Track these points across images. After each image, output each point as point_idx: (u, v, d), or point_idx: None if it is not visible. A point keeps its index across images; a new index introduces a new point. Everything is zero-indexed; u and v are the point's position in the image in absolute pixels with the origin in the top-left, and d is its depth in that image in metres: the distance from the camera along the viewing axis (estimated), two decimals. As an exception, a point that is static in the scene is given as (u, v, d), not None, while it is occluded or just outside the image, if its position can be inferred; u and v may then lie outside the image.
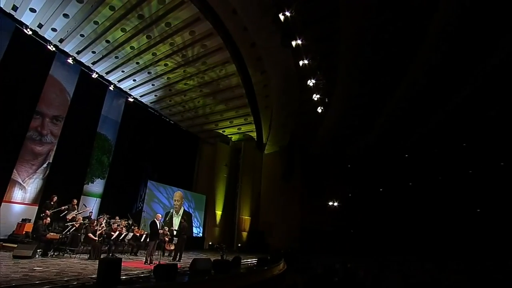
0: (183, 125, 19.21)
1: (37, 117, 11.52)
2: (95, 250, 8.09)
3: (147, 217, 13.90)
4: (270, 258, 11.06)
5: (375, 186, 22.11)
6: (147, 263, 8.09)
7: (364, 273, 8.75)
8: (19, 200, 10.81)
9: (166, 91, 15.73)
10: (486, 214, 17.24)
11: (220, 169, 19.85)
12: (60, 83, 12.44)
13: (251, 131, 19.94)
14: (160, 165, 17.38)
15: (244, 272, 8.40)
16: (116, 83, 14.70)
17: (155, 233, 8.48)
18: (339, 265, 11.48)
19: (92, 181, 13.62)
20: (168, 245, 11.16)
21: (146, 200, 14.68)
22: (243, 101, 16.85)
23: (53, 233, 8.06)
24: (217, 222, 18.76)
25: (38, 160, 11.48)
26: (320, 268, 12.73)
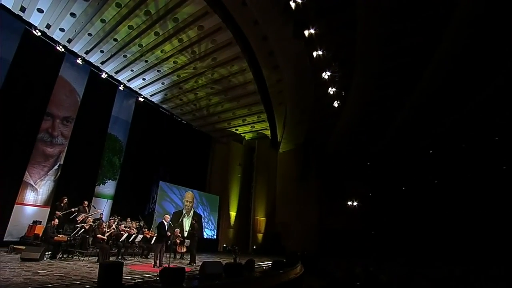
0: (195, 125, 19.12)
1: (48, 118, 11.65)
2: (103, 253, 7.98)
3: (159, 219, 13.83)
4: (286, 261, 10.68)
5: (397, 185, 21.24)
6: (156, 266, 7.91)
7: (388, 278, 8.22)
8: (31, 202, 10.94)
9: (176, 89, 15.65)
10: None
11: (233, 169, 19.62)
12: (70, 84, 12.55)
13: (265, 129, 19.60)
14: (172, 165, 17.34)
15: (258, 276, 8.07)
16: (126, 82, 14.75)
17: (162, 235, 8.30)
18: (360, 269, 10.95)
19: (104, 183, 13.69)
20: (180, 247, 11.00)
21: (158, 201, 14.63)
22: (255, 98, 16.55)
23: (61, 235, 8.03)
24: (231, 224, 18.54)
25: (49, 161, 11.61)
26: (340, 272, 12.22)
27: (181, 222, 15.70)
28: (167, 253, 11.29)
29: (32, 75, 11.08)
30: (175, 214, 15.57)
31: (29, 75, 10.99)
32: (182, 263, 9.92)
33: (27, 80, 10.92)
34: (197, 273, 7.12)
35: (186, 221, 16.18)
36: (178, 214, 15.84)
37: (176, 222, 15.45)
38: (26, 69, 10.87)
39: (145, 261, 9.36)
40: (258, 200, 19.34)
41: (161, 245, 8.25)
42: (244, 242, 18.41)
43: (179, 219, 15.82)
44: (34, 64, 11.13)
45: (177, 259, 10.96)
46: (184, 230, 14.94)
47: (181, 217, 15.95)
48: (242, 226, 19.03)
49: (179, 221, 15.77)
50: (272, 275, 8.53)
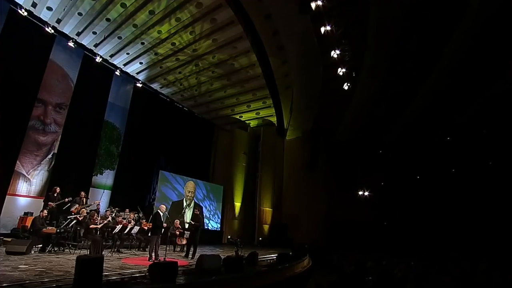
0: (197, 111, 18.63)
1: (39, 105, 11.29)
2: (96, 246, 7.63)
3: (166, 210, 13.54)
4: (292, 254, 10.26)
5: (412, 174, 20.47)
6: (151, 260, 7.55)
7: (403, 273, 7.68)
8: (24, 193, 10.70)
9: (176, 74, 15.10)
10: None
11: (238, 157, 19.18)
12: (62, 68, 12.13)
13: (271, 116, 19.02)
14: (174, 154, 16.97)
15: (260, 270, 7.65)
16: (122, 67, 14.26)
17: (158, 227, 7.90)
18: (372, 263, 10.44)
19: (101, 172, 13.40)
20: (180, 239, 10.66)
21: (158, 191, 14.30)
22: (260, 82, 15.92)
23: (50, 227, 7.71)
24: (236, 215, 18.21)
25: (42, 150, 11.31)
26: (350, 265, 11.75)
27: (183, 212, 15.39)
28: (167, 246, 11.03)
29: (21, 59, 10.62)
30: (174, 204, 15.26)
31: (17, 59, 10.54)
32: (182, 256, 9.57)
33: (15, 64, 10.48)
34: (194, 268, 6.73)
35: (187, 211, 15.87)
36: (178, 205, 15.54)
37: (177, 213, 15.21)
38: (14, 53, 10.43)
39: (142, 254, 9.04)
40: (264, 190, 18.92)
41: (157, 237, 7.86)
42: (249, 233, 18.11)
43: (181, 209, 15.52)
44: (22, 47, 10.67)
45: (177, 252, 10.63)
46: (185, 221, 14.65)
47: (183, 208, 15.63)
48: (248, 217, 18.70)
49: (182, 211, 15.47)
50: (277, 270, 8.10)
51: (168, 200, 14.76)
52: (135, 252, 9.17)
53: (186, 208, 15.69)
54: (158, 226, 7.94)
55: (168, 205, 14.30)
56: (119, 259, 7.51)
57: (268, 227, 18.43)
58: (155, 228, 8.03)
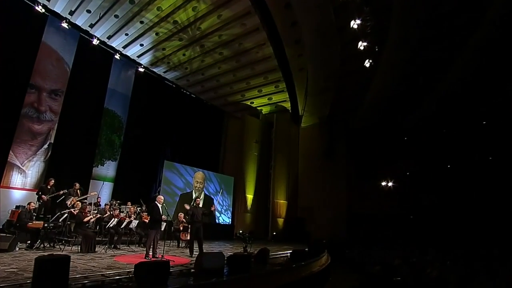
0: (205, 98, 17.92)
1: (32, 91, 10.82)
2: (87, 241, 7.09)
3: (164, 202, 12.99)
4: (309, 250, 9.44)
5: (441, 162, 19.06)
6: (148, 257, 6.91)
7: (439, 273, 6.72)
8: (19, 185, 10.31)
9: (180, 56, 14.35)
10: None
11: (249, 146, 18.44)
12: (56, 51, 11.60)
13: (284, 101, 18.12)
14: (180, 144, 16.44)
15: (271, 270, 6.87)
16: (122, 50, 13.64)
17: (155, 220, 7.24)
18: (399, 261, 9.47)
19: (102, 163, 12.93)
20: (184, 234, 10.01)
21: (164, 183, 13.75)
22: (271, 64, 15.01)
23: (37, 222, 7.19)
24: (248, 208, 17.54)
25: (37, 140, 10.87)
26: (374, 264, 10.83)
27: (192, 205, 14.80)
28: (171, 241, 10.46)
29: (10, 41, 10.15)
30: (182, 196, 14.75)
31: (6, 41, 10.06)
32: (185, 252, 8.93)
33: (4, 47, 10.00)
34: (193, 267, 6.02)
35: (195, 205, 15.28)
36: (187, 197, 14.99)
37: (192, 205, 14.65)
38: (2, 34, 9.94)
39: (141, 250, 8.43)
40: (278, 181, 18.13)
41: (155, 232, 7.20)
42: (262, 228, 17.44)
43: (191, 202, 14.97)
44: (10, 28, 10.18)
45: (182, 248, 10.02)
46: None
47: (192, 200, 15.06)
48: (260, 210, 18.02)
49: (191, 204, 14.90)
50: (291, 269, 7.31)
51: (174, 192, 14.17)
52: (133, 249, 8.58)
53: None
54: (155, 219, 7.28)
55: (170, 198, 13.70)
56: (112, 256, 6.91)
57: (282, 221, 17.69)
58: (152, 222, 7.39)
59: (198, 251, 8.31)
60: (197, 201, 8.89)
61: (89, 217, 7.41)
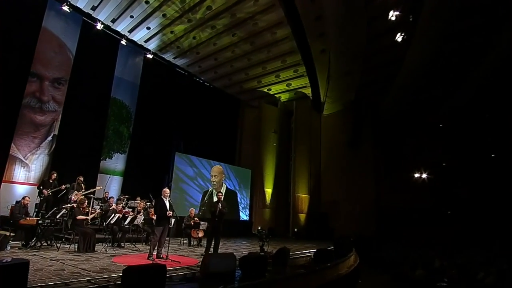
0: (218, 85, 17.24)
1: (34, 79, 10.47)
2: (85, 240, 6.56)
3: (176, 196, 12.52)
4: (334, 249, 8.57)
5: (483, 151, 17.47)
6: (151, 258, 6.29)
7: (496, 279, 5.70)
8: (22, 179, 10.03)
9: (190, 39, 13.66)
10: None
11: (267, 137, 17.71)
12: (58, 37, 11.20)
13: (304, 87, 17.22)
14: (193, 135, 15.90)
15: (291, 274, 6.08)
16: (128, 34, 13.11)
17: (159, 216, 6.60)
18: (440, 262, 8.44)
19: (110, 156, 12.54)
20: (195, 231, 9.40)
21: (175, 177, 13.22)
22: (290, 45, 14.14)
23: (30, 218, 6.73)
24: (267, 203, 16.82)
25: (40, 132, 10.55)
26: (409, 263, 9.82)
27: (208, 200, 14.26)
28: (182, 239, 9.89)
29: (8, 27, 9.77)
30: (204, 193, 14.42)
31: (3, 26, 9.68)
32: (196, 251, 8.30)
33: (1, 34, 9.62)
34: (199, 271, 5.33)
35: (215, 199, 14.71)
36: (205, 193, 14.51)
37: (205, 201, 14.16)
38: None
39: (146, 249, 7.83)
40: (299, 174, 17.27)
41: (161, 229, 6.56)
42: (283, 224, 16.73)
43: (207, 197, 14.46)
44: (9, 14, 9.77)
45: (194, 246, 9.41)
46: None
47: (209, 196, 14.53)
48: (280, 205, 17.28)
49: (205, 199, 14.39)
50: (314, 271, 6.47)
51: (184, 188, 13.60)
52: (138, 247, 8.02)
53: (213, 196, 14.60)
54: (161, 215, 6.64)
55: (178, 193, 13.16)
56: (112, 256, 6.34)
57: (304, 216, 16.87)
58: (157, 218, 6.77)
59: (212, 251, 7.67)
60: (218, 196, 8.12)
61: (83, 217, 6.82)
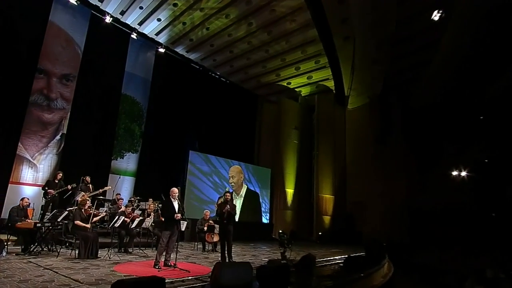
0: (235, 80, 16.67)
1: (41, 76, 10.26)
2: (87, 245, 6.07)
3: (190, 197, 12.03)
4: (366, 256, 7.72)
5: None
6: (157, 267, 5.71)
7: None
8: (30, 180, 9.80)
9: (202, 30, 13.14)
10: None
11: (288, 134, 16.99)
12: (66, 32, 10.97)
13: (327, 79, 16.31)
14: (208, 133, 15.43)
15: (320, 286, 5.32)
16: (138, 27, 12.74)
17: (168, 219, 6.01)
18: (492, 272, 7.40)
19: (122, 156, 12.21)
20: (209, 235, 8.79)
21: (189, 174, 12.73)
22: (310, 34, 13.34)
23: (28, 221, 6.31)
24: (288, 204, 16.05)
25: (48, 130, 10.32)
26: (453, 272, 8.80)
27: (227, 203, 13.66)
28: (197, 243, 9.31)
29: (13, 21, 9.61)
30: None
31: (9, 22, 9.55)
32: (210, 258, 7.68)
33: (7, 29, 9.49)
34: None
35: (236, 202, 14.14)
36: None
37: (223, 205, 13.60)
38: (5, 14, 9.41)
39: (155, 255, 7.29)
40: (323, 173, 16.41)
41: (169, 233, 5.97)
42: (306, 227, 15.91)
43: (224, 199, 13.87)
44: (15, 7, 9.61)
45: (208, 251, 8.81)
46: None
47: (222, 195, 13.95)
48: (303, 206, 16.49)
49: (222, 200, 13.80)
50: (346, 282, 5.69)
51: (197, 184, 13.07)
52: (146, 253, 7.48)
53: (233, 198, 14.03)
54: (166, 217, 6.06)
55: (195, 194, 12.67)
56: (114, 264, 5.81)
57: (329, 218, 15.98)
58: (165, 221, 6.18)
59: (227, 258, 7.03)
60: (226, 196, 7.47)
61: (82, 224, 6.30)
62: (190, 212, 11.92)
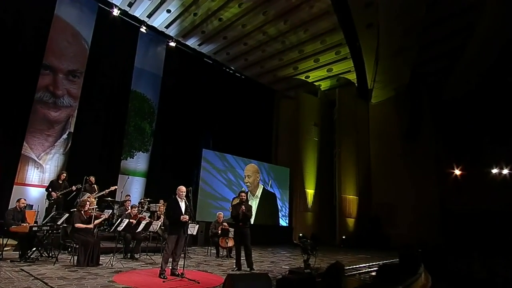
0: (250, 74, 16.10)
1: (46, 72, 9.98)
2: (87, 251, 5.58)
3: (202, 199, 11.49)
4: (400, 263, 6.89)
5: None
6: (163, 276, 5.13)
7: None
8: (36, 182, 9.51)
9: (215, 21, 12.61)
10: None
11: (307, 131, 16.27)
12: (72, 26, 10.68)
13: (348, 72, 15.54)
14: (223, 130, 14.91)
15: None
16: (147, 20, 12.33)
17: (174, 221, 5.43)
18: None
19: (132, 155, 11.82)
20: (223, 240, 8.18)
21: (202, 176, 12.20)
22: (330, 22, 12.62)
23: (24, 224, 5.88)
24: (308, 205, 15.29)
25: (54, 129, 10.03)
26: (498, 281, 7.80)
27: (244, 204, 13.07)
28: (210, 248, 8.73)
29: (17, 15, 9.40)
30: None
31: (13, 15, 9.32)
32: (224, 264, 7.06)
33: (11, 22, 9.26)
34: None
35: (252, 203, 13.55)
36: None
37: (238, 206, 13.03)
38: (7, 7, 9.17)
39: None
40: (345, 172, 15.61)
41: (175, 238, 5.39)
42: (328, 230, 15.16)
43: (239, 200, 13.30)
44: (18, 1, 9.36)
45: (223, 257, 8.20)
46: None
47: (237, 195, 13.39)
48: (324, 208, 15.73)
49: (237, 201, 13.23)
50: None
51: (209, 182, 12.53)
52: (154, 259, 6.92)
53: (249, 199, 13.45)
54: (172, 220, 5.49)
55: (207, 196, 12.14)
56: (115, 272, 5.27)
57: (353, 221, 15.14)
58: (170, 224, 5.62)
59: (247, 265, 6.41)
60: (242, 196, 6.84)
61: (82, 225, 5.83)
62: (203, 215, 11.43)
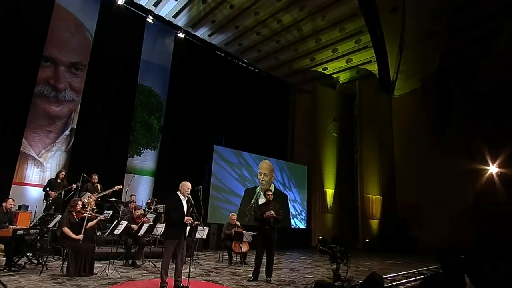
0: (263, 67, 15.32)
1: (47, 64, 9.53)
2: (78, 259, 4.89)
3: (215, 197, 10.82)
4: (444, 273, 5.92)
5: None
6: (163, 284, 4.39)
7: None
8: (36, 181, 9.03)
9: (226, 9, 11.88)
10: None
11: (325, 126, 15.43)
12: (74, 16, 10.23)
13: (369, 62, 14.56)
14: (235, 126, 14.25)
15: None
16: (153, 9, 11.71)
17: (174, 223, 4.67)
18: None
19: (139, 153, 11.24)
20: (237, 244, 7.38)
21: (214, 174, 11.51)
22: (349, 7, 11.70)
23: (10, 227, 5.24)
24: (328, 206, 14.39)
25: (56, 125, 9.56)
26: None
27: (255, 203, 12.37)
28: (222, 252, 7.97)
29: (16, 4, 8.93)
30: (247, 192, 12.62)
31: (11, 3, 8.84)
32: (238, 272, 6.27)
33: (8, 12, 8.78)
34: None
35: (261, 201, 12.81)
36: (251, 193, 12.76)
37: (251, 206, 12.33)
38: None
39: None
40: (368, 170, 14.66)
41: (174, 243, 4.63)
42: (350, 232, 14.29)
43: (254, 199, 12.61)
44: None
45: (236, 263, 7.40)
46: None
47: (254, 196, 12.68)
48: (345, 209, 14.87)
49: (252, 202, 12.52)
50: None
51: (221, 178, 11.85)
52: (158, 267, 6.18)
53: (260, 198, 12.72)
54: (171, 221, 4.74)
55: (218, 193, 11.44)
56: (109, 284, 4.56)
57: (377, 223, 14.16)
58: (169, 226, 4.86)
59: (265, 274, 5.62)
60: (268, 195, 6.02)
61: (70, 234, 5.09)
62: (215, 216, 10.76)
